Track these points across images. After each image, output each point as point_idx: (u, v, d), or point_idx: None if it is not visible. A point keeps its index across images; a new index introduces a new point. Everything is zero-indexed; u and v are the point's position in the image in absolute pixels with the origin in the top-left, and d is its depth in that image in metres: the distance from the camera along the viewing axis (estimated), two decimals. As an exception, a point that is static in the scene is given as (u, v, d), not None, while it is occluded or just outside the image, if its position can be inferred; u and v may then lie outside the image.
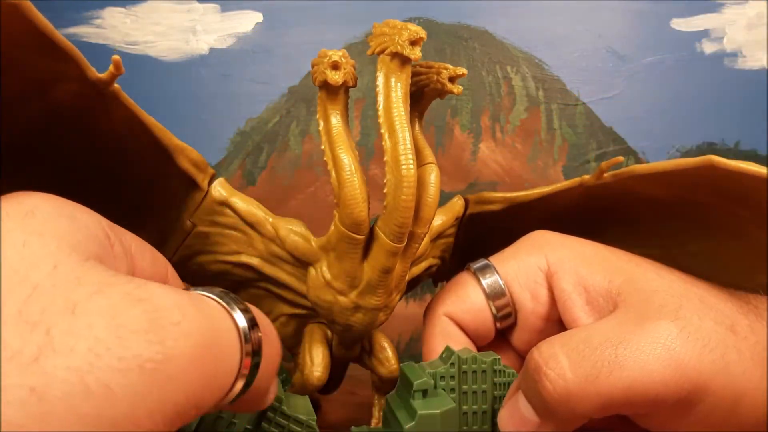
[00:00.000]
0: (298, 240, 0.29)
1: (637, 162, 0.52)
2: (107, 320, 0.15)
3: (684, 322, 0.25)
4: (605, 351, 0.24)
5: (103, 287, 0.16)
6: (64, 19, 0.50)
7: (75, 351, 0.14)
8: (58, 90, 0.25)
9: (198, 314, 0.17)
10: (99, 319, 0.15)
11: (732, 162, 0.26)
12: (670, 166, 0.28)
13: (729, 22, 0.52)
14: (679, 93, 0.52)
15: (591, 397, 0.24)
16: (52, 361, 0.14)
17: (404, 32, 0.26)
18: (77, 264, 0.17)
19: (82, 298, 0.15)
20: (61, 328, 0.15)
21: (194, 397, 0.16)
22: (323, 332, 0.32)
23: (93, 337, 0.15)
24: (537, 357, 0.25)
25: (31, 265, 0.16)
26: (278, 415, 0.26)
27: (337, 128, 0.27)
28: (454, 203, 0.34)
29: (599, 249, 0.30)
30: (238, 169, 0.52)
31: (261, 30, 0.51)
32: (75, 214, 0.19)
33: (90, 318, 0.15)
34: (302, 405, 0.27)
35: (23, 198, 0.19)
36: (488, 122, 0.52)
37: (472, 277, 0.31)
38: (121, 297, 0.16)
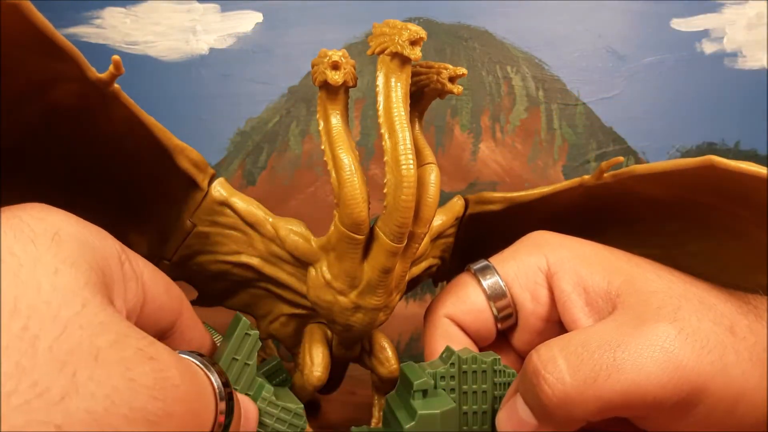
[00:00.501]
0: (298, 240, 0.29)
1: (637, 162, 0.52)
2: (123, 372, 0.17)
3: (682, 323, 0.25)
4: (604, 354, 0.24)
5: (122, 338, 0.17)
6: (64, 19, 0.50)
7: (95, 397, 0.16)
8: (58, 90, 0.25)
9: (192, 379, 0.19)
10: (116, 370, 0.16)
11: (732, 162, 0.26)
12: (670, 166, 0.28)
13: (729, 22, 0.52)
14: (679, 93, 0.52)
15: (589, 401, 0.23)
16: (75, 403, 0.15)
17: (404, 32, 0.26)
18: (101, 308, 0.18)
19: (104, 345, 0.17)
20: (85, 373, 0.16)
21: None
22: (323, 332, 0.32)
23: (111, 386, 0.16)
24: (536, 360, 0.25)
25: (63, 301, 0.17)
26: (267, 405, 0.27)
27: (337, 128, 0.27)
28: (454, 203, 0.34)
29: (599, 249, 0.30)
30: (238, 169, 0.52)
31: (261, 30, 0.51)
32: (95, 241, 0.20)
33: (109, 367, 0.16)
34: (289, 396, 0.29)
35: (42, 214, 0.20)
36: (488, 122, 0.52)
37: (473, 278, 0.31)
38: (135, 351, 0.17)
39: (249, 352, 0.27)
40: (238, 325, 0.27)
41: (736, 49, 0.52)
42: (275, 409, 0.27)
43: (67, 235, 0.19)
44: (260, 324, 0.34)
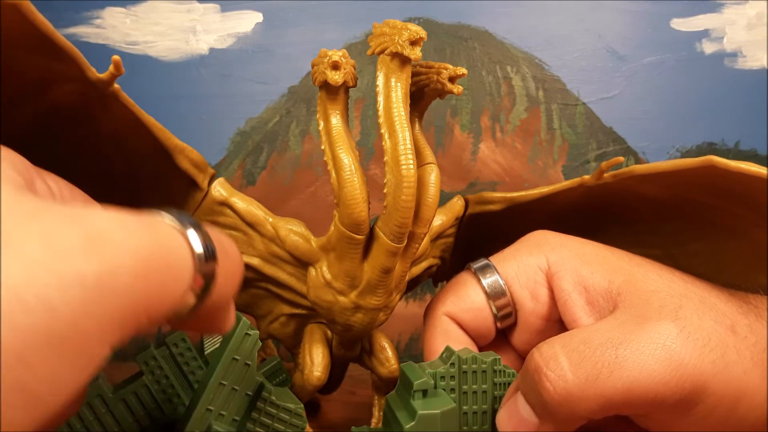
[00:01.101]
0: (298, 240, 0.29)
1: (637, 162, 0.52)
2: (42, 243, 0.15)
3: (684, 322, 0.25)
4: (606, 352, 0.24)
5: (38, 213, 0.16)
6: (64, 19, 0.50)
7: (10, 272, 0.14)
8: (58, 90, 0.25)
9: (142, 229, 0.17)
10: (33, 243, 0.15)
11: (732, 162, 0.26)
12: (670, 166, 0.28)
13: (729, 22, 0.52)
14: (679, 93, 0.52)
15: (591, 398, 0.23)
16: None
17: (404, 32, 0.26)
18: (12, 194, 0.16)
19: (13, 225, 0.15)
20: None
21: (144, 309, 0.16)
22: (323, 332, 0.32)
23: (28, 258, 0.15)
24: (537, 358, 0.25)
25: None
26: (267, 405, 0.27)
27: (337, 128, 0.27)
28: (454, 203, 0.34)
29: (599, 249, 0.30)
30: (238, 169, 0.52)
31: (261, 30, 0.51)
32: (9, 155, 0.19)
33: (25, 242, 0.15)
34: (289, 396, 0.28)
35: None
36: (488, 122, 0.52)
37: (473, 276, 0.31)
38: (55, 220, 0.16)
39: (249, 351, 0.27)
40: (238, 325, 0.27)
41: (736, 49, 0.52)
42: (275, 409, 0.27)
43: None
44: (260, 324, 0.34)
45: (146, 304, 0.16)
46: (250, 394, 0.27)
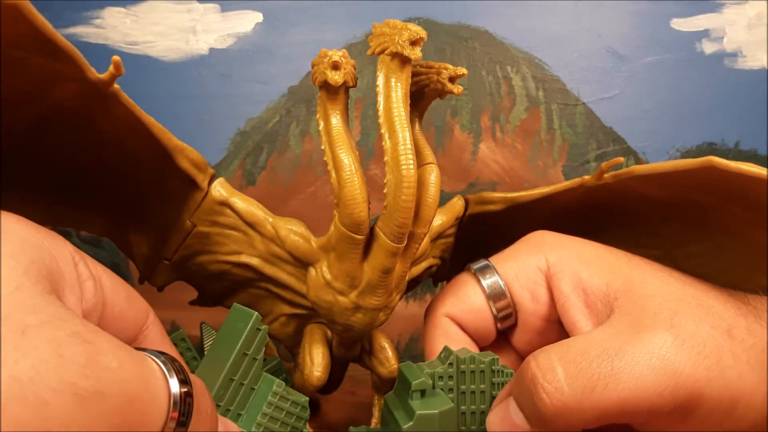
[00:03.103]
0: (298, 240, 0.29)
1: (638, 162, 0.52)
2: (52, 347, 0.17)
3: (679, 329, 0.25)
4: (602, 363, 0.24)
5: (55, 320, 0.18)
6: (64, 19, 0.50)
7: (19, 365, 0.16)
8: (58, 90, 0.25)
9: (133, 367, 0.19)
10: (45, 345, 0.17)
11: (732, 163, 0.26)
12: (670, 166, 0.28)
13: (729, 22, 0.52)
14: (679, 93, 0.52)
15: (587, 410, 0.24)
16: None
17: (404, 32, 0.26)
18: (37, 293, 0.18)
19: (33, 323, 0.17)
20: (10, 344, 0.16)
21: None
22: (323, 332, 0.32)
23: (37, 358, 0.17)
24: (534, 368, 0.25)
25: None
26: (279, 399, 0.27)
27: (337, 128, 0.27)
28: (454, 203, 0.34)
29: (599, 250, 0.30)
30: (238, 169, 0.52)
31: (261, 30, 0.51)
32: (42, 240, 0.21)
33: (37, 342, 0.17)
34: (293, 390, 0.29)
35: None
36: (488, 122, 0.52)
37: (473, 277, 0.31)
38: (69, 333, 0.18)
39: (258, 347, 0.27)
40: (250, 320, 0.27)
41: (736, 49, 0.52)
42: (286, 403, 0.28)
43: (11, 233, 0.20)
44: (260, 324, 0.34)
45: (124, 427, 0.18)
46: (255, 388, 0.27)
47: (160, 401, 0.20)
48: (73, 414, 0.17)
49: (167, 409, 0.20)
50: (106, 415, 0.17)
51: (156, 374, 0.20)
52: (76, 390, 0.17)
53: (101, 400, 0.17)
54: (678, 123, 0.52)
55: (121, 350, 0.19)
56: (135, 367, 0.19)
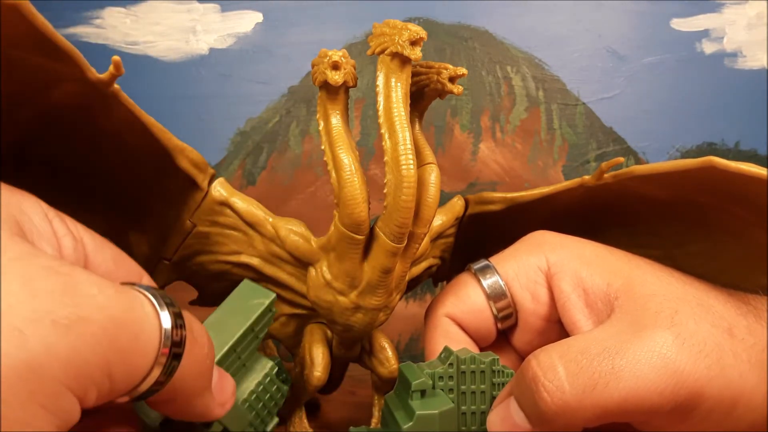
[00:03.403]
0: (298, 240, 0.29)
1: (638, 162, 0.52)
2: (22, 282, 0.16)
3: (679, 328, 0.25)
4: (602, 362, 0.24)
5: (25, 256, 0.17)
6: (64, 19, 0.50)
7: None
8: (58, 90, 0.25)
9: (116, 294, 0.18)
10: (14, 280, 0.16)
11: (732, 163, 0.26)
12: (671, 166, 0.28)
13: (729, 22, 0.52)
14: (679, 93, 0.52)
15: (587, 409, 0.24)
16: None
17: (404, 32, 0.26)
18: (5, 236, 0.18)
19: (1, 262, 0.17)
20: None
21: (107, 364, 0.17)
22: (323, 332, 0.32)
23: (8, 293, 0.16)
24: (535, 367, 0.25)
25: None
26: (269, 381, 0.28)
27: (337, 128, 0.27)
28: (454, 203, 0.34)
29: (599, 249, 0.30)
30: (238, 169, 0.52)
31: (261, 30, 0.51)
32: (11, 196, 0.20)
33: (7, 278, 0.16)
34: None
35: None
36: (488, 122, 0.52)
37: (473, 277, 0.31)
38: (41, 268, 0.17)
39: (264, 327, 0.27)
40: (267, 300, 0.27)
41: (736, 49, 0.52)
42: (272, 387, 0.28)
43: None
44: (260, 324, 0.34)
45: (110, 362, 0.17)
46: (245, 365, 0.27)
47: (149, 329, 0.19)
48: (55, 342, 0.16)
49: (159, 338, 0.19)
50: (91, 340, 0.17)
51: (143, 303, 0.19)
52: (54, 318, 0.16)
53: (84, 325, 0.17)
54: (678, 123, 0.52)
55: (101, 280, 0.18)
56: (118, 294, 0.18)
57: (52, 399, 0.16)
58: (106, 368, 0.17)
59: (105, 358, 0.17)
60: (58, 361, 0.16)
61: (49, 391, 0.16)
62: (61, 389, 0.16)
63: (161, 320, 0.19)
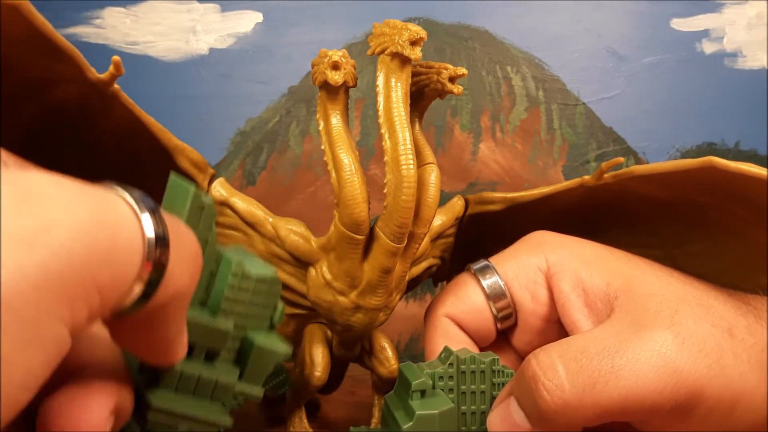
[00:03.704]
0: (298, 240, 0.29)
1: (638, 162, 0.52)
2: None
3: (679, 328, 0.25)
4: (602, 361, 0.24)
5: None
6: (64, 19, 0.50)
7: None
8: (58, 90, 0.25)
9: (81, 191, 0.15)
10: None
11: (732, 163, 0.26)
12: (671, 166, 0.28)
13: (729, 22, 0.52)
14: (679, 93, 0.52)
15: (587, 408, 0.24)
16: None
17: (404, 32, 0.26)
18: None
19: None
20: None
21: (89, 275, 0.15)
22: (323, 332, 0.32)
23: None
24: (535, 366, 0.25)
25: None
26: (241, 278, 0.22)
27: (337, 128, 0.27)
28: (454, 203, 0.34)
29: (599, 250, 0.30)
30: (238, 169, 0.52)
31: (261, 30, 0.51)
32: None
33: None
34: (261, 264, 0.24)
35: None
36: (488, 122, 0.52)
37: (473, 278, 0.31)
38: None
39: (207, 225, 0.22)
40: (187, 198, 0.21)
41: (736, 49, 0.52)
42: (250, 283, 0.23)
43: None
44: (260, 324, 0.34)
45: (91, 271, 0.15)
46: (214, 270, 0.23)
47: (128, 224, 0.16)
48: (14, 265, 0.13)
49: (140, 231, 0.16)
50: (63, 251, 0.14)
51: (117, 203, 0.16)
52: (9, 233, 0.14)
53: (50, 235, 0.14)
54: (678, 123, 0.52)
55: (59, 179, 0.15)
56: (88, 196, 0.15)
57: (31, 331, 0.14)
58: (89, 278, 0.15)
59: (85, 267, 0.15)
60: (28, 285, 0.14)
61: (26, 323, 0.14)
62: (38, 316, 0.14)
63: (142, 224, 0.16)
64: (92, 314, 0.15)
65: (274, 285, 0.23)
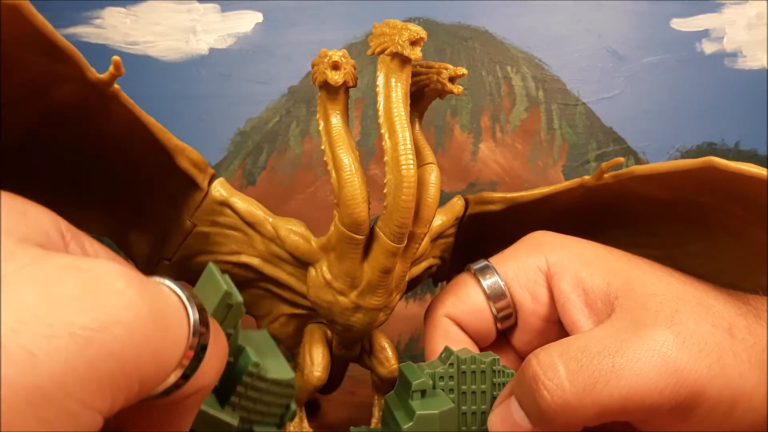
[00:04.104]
0: (298, 240, 0.29)
1: (638, 162, 0.52)
2: (39, 289, 0.14)
3: (679, 327, 0.25)
4: (603, 360, 0.24)
5: (38, 260, 0.15)
6: (64, 19, 0.50)
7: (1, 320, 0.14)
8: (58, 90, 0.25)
9: (144, 286, 0.16)
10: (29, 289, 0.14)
11: (732, 163, 0.26)
12: (671, 167, 0.28)
13: (729, 22, 0.52)
14: (679, 93, 0.52)
15: (588, 407, 0.24)
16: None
17: (404, 32, 0.26)
18: (14, 243, 0.16)
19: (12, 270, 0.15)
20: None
21: (135, 369, 0.15)
22: (323, 332, 0.32)
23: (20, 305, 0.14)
24: (535, 365, 0.25)
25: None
26: (255, 379, 0.23)
27: (337, 128, 0.27)
28: (454, 203, 0.34)
29: (599, 250, 0.30)
30: (238, 169, 0.52)
31: (261, 30, 0.51)
32: (27, 210, 0.18)
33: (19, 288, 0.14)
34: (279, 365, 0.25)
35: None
36: (488, 122, 0.52)
37: (473, 278, 0.31)
38: (57, 268, 0.15)
39: (230, 323, 0.23)
40: (219, 294, 0.22)
41: (736, 49, 0.52)
42: (265, 383, 0.24)
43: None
44: (260, 324, 0.34)
45: (138, 366, 0.15)
46: (231, 361, 0.23)
47: (178, 319, 0.17)
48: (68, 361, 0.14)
49: (188, 327, 0.17)
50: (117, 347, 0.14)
51: (168, 292, 0.17)
52: (73, 330, 0.14)
53: (109, 331, 0.14)
54: (678, 123, 0.52)
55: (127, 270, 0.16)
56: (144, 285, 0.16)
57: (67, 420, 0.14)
58: (134, 372, 0.15)
59: (133, 361, 0.15)
60: (76, 380, 0.14)
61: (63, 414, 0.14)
62: (79, 409, 0.14)
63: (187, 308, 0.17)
64: (128, 401, 0.16)
65: (289, 387, 0.24)
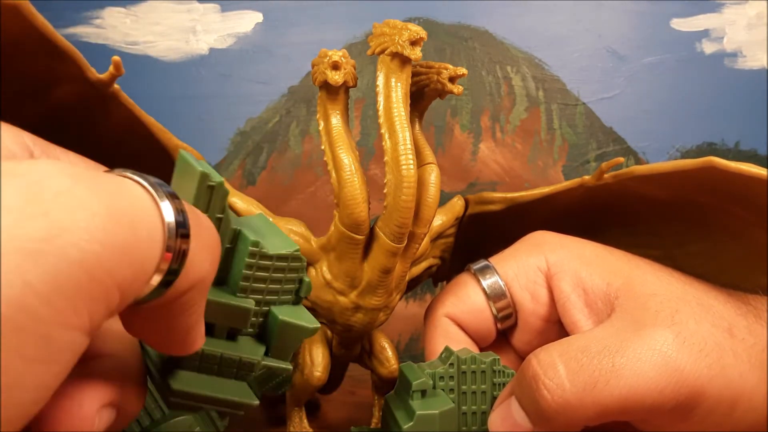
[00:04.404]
0: (298, 240, 0.29)
1: (638, 162, 0.52)
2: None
3: (680, 327, 0.25)
4: (603, 360, 0.24)
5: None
6: (64, 19, 0.50)
7: None
8: (58, 90, 0.25)
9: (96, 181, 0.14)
10: None
11: (732, 163, 0.26)
12: (671, 167, 0.28)
13: (729, 22, 0.52)
14: (679, 93, 0.52)
15: (588, 407, 0.24)
16: None
17: (404, 32, 0.26)
18: None
19: None
20: None
21: (107, 276, 0.13)
22: (323, 332, 0.32)
23: None
24: (535, 365, 0.25)
25: None
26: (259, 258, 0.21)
27: (337, 128, 0.27)
28: (454, 203, 0.34)
29: (599, 250, 0.30)
30: (238, 169, 0.52)
31: (261, 30, 0.51)
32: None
33: None
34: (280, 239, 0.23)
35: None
36: (488, 122, 0.52)
37: (473, 278, 0.31)
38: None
39: (216, 207, 0.21)
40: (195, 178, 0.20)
41: (736, 49, 0.52)
42: (269, 260, 0.22)
43: None
44: (260, 324, 0.34)
45: (110, 271, 0.13)
46: (230, 247, 0.22)
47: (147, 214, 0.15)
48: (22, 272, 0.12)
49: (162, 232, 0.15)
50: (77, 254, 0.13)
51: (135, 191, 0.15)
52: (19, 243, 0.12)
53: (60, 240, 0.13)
54: (678, 123, 0.52)
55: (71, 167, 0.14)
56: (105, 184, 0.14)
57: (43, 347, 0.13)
58: (107, 278, 0.13)
59: (101, 267, 0.13)
60: (39, 300, 0.12)
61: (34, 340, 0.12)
62: (51, 330, 0.13)
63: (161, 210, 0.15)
64: (111, 311, 0.14)
65: (296, 260, 0.22)
